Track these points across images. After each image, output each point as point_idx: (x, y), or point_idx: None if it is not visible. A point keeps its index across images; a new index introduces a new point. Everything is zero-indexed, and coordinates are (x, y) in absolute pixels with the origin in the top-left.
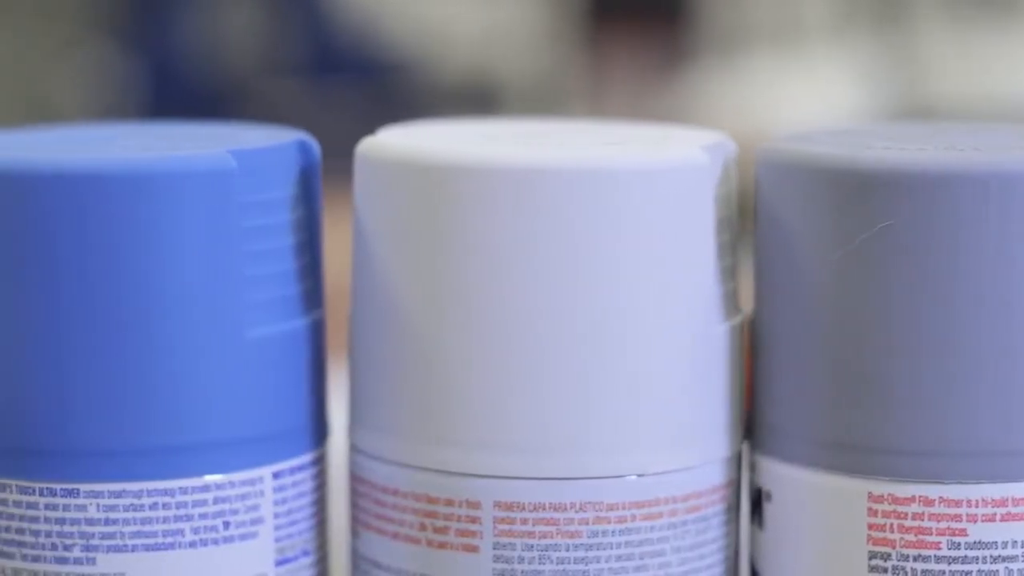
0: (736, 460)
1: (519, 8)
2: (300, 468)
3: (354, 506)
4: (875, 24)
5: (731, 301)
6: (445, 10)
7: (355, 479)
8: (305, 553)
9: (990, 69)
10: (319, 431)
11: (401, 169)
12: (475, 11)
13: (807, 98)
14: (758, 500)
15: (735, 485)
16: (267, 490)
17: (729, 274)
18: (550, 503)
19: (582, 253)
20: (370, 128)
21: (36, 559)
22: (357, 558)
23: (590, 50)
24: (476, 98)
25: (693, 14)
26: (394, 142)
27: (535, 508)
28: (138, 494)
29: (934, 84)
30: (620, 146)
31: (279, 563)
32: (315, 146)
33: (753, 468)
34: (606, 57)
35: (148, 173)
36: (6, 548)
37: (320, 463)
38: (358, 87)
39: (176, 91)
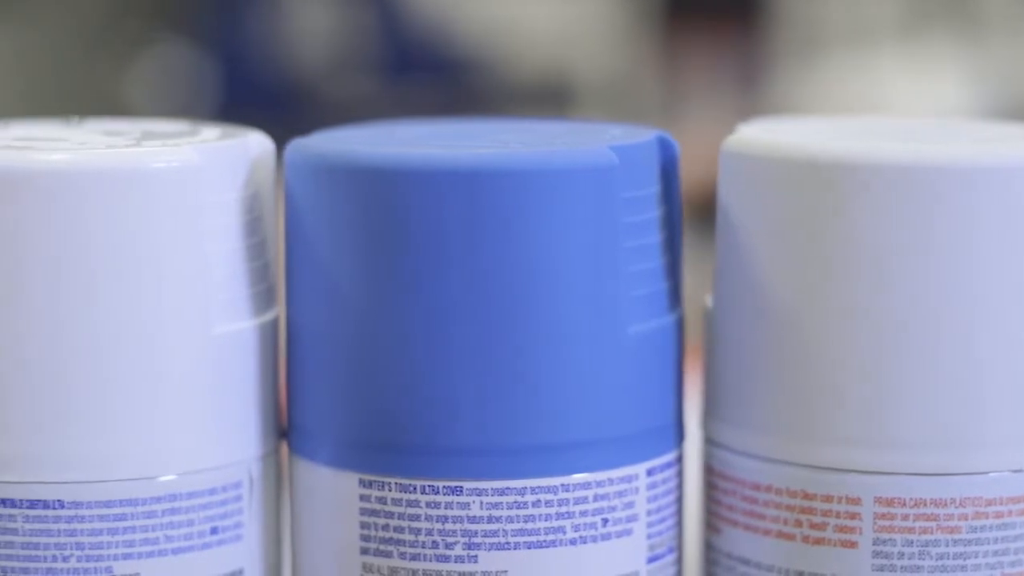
0: None
1: (595, 7)
2: (668, 465)
3: (714, 502)
4: (953, 24)
5: None
6: (520, 9)
7: (716, 475)
8: (670, 550)
9: None
10: (681, 428)
11: (784, 166)
12: (550, 10)
13: (887, 99)
14: None
15: None
16: (641, 487)
17: None
18: (931, 499)
19: (964, 248)
20: None
21: (415, 557)
22: (717, 554)
23: (665, 49)
24: (551, 97)
25: (770, 13)
26: (771, 139)
27: (916, 504)
28: (521, 492)
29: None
30: (994, 143)
31: (650, 560)
32: (675, 144)
33: None
34: (681, 56)
35: (538, 169)
36: (383, 547)
37: (681, 461)
38: (432, 86)
39: (249, 90)
